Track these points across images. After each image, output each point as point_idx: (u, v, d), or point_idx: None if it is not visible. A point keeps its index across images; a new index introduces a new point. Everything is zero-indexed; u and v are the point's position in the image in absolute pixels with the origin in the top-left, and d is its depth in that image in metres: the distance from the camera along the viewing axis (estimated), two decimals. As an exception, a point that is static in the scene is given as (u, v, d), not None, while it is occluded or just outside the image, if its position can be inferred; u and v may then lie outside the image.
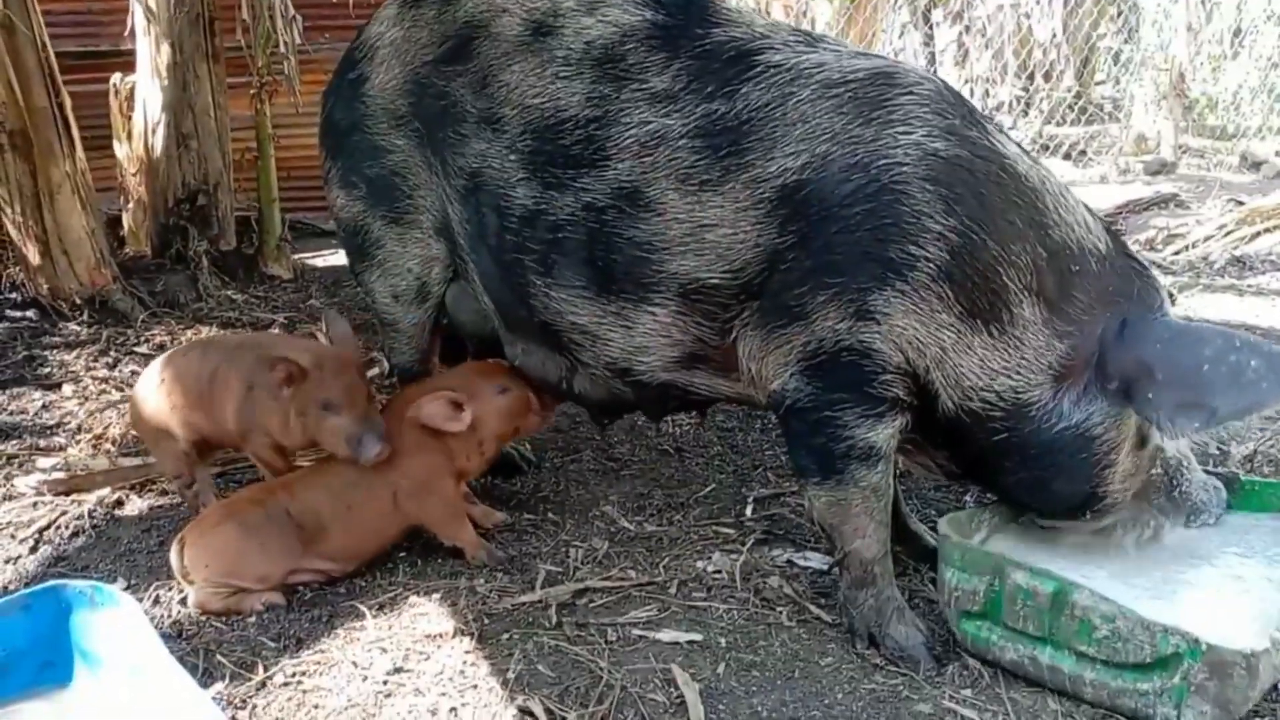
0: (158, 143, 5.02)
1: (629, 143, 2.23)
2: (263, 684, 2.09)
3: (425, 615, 2.34)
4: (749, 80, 2.17)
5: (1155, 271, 2.23)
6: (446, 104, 2.49)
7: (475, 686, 2.08)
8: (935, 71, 9.32)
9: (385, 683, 2.09)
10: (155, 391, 2.70)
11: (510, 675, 2.10)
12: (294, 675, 2.12)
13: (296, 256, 5.68)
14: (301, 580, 2.44)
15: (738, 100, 2.16)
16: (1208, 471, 2.38)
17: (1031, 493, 2.22)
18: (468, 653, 2.19)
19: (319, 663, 2.17)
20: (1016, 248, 2.04)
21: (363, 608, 2.35)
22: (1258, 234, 5.63)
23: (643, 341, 2.33)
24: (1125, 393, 2.04)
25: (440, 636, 2.25)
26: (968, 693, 2.07)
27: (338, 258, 5.61)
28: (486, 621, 2.32)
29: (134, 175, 5.15)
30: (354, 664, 2.15)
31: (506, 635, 2.26)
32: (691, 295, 2.23)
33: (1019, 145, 2.21)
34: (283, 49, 4.75)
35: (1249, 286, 4.96)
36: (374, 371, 4.11)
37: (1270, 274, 5.13)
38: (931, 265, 2.03)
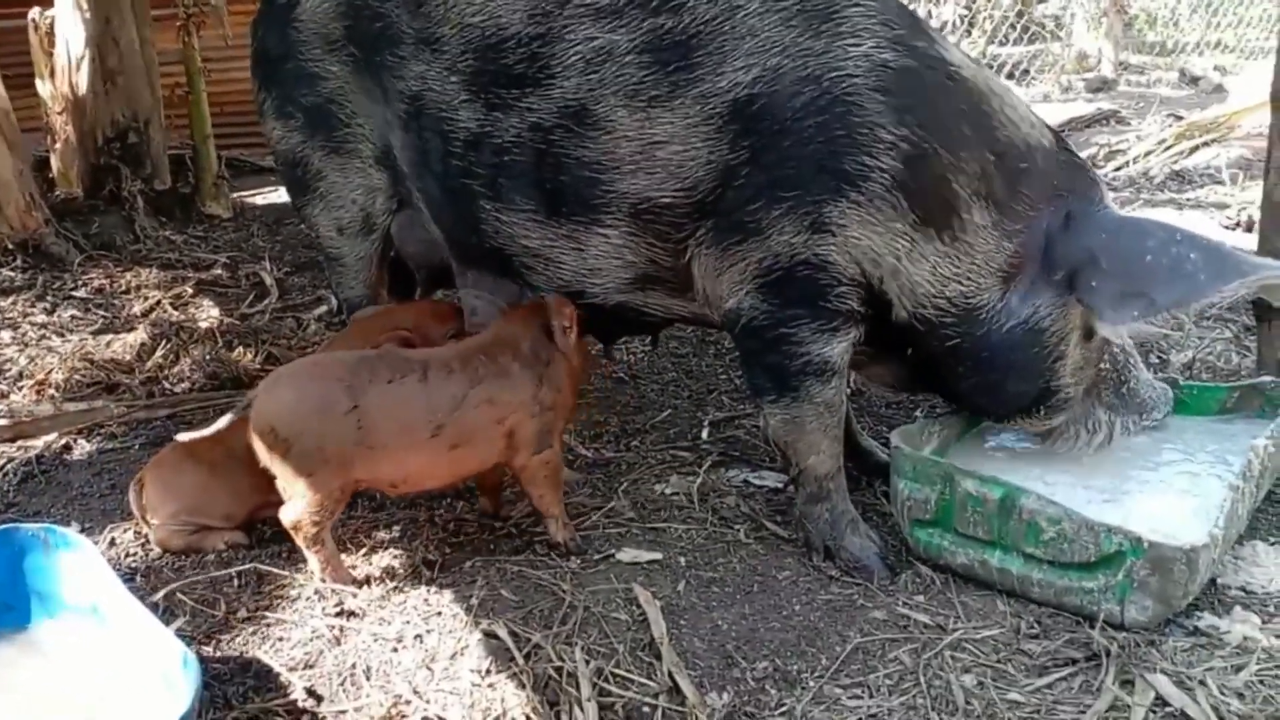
0: (82, 80, 4.84)
1: (574, 60, 2.19)
2: (225, 619, 2.09)
3: (387, 547, 2.35)
4: None
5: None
6: (382, 26, 2.42)
7: (439, 614, 2.10)
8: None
9: (349, 614, 2.09)
10: None
11: (474, 601, 2.12)
12: (256, 610, 2.12)
13: (236, 194, 5.56)
14: (267, 514, 2.42)
15: (684, 14, 2.13)
16: None
17: (987, 394, 2.26)
18: (430, 581, 2.21)
19: (281, 597, 2.17)
20: (966, 154, 2.06)
21: (323, 542, 2.35)
22: (1195, 148, 5.72)
23: (595, 264, 2.32)
24: (1070, 282, 2.08)
25: (403, 567, 2.26)
26: (920, 598, 2.14)
27: (279, 195, 5.50)
28: (448, 550, 2.34)
29: (60, 114, 4.96)
30: (317, 595, 2.15)
31: (469, 563, 2.27)
32: (643, 215, 2.22)
33: (963, 51, 2.22)
34: (208, -22, 4.58)
35: (1188, 200, 5.05)
36: (322, 309, 4.07)
37: (1208, 187, 5.23)
38: (885, 175, 2.04)
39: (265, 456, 2.13)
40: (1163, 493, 2.20)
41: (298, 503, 2.13)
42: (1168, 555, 1.90)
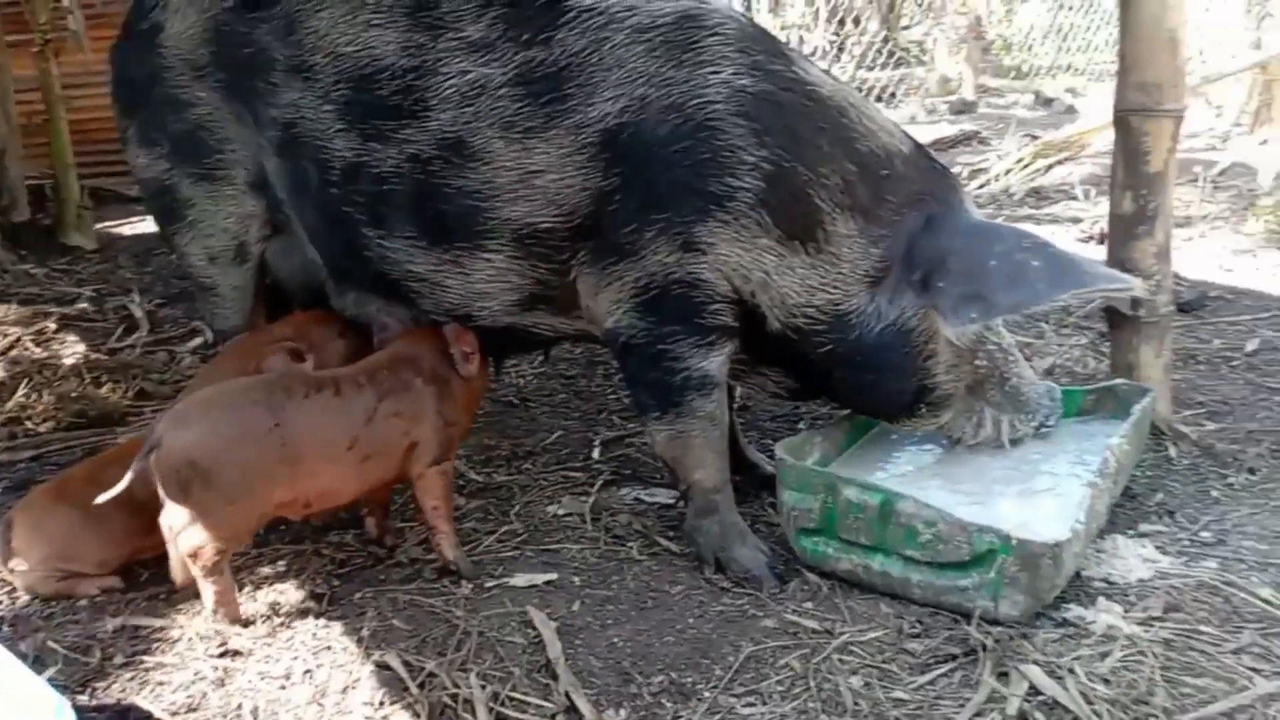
0: (-69, 107, 4.59)
1: (449, 93, 2.21)
2: (100, 667, 2.01)
3: (273, 582, 2.30)
4: (563, 26, 2.19)
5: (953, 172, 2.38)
6: (252, 52, 2.39)
7: (329, 648, 2.06)
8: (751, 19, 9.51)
9: (234, 654, 2.04)
10: None
11: (365, 633, 2.09)
12: (134, 655, 2.04)
13: (101, 225, 5.35)
14: (145, 557, 2.32)
15: (554, 47, 2.18)
16: None
17: (866, 396, 2.34)
18: (319, 616, 2.17)
19: (161, 640, 2.10)
20: (826, 169, 2.15)
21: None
22: (1051, 166, 6.05)
23: (482, 287, 2.33)
24: (925, 284, 2.18)
25: (290, 602, 2.21)
26: (809, 605, 2.19)
27: (147, 224, 5.30)
28: (337, 583, 2.30)
29: (-94, 144, 4.70)
30: (199, 637, 2.09)
31: (359, 594, 2.24)
32: (526, 240, 2.25)
33: (821, 69, 2.32)
34: (66, 2, 4.41)
35: (1045, 215, 5.33)
36: (196, 341, 3.95)
37: (1063, 202, 5.53)
38: (749, 194, 2.12)
39: (177, 494, 2.04)
40: (1028, 492, 2.31)
41: (203, 530, 2.05)
42: (1035, 551, 2.00)
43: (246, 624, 2.12)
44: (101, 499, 2.07)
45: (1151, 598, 2.13)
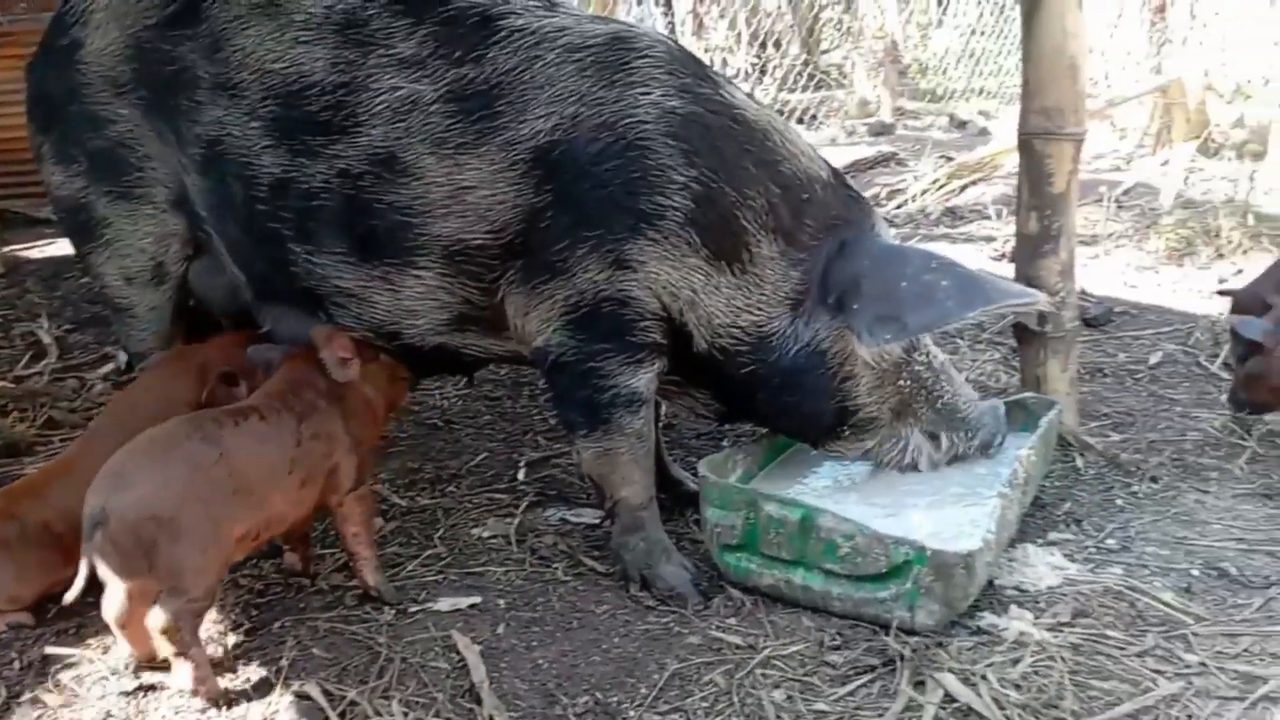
0: None
1: (380, 108, 2.22)
2: (6, 705, 1.94)
3: (188, 614, 2.24)
4: (495, 44, 2.22)
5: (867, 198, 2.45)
6: (175, 70, 2.37)
7: (248, 679, 2.03)
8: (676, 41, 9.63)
9: (148, 689, 1.99)
10: None
11: (284, 662, 2.06)
12: (41, 693, 1.98)
13: (7, 249, 5.18)
14: (57, 592, 2.23)
15: (486, 64, 2.20)
16: None
17: (788, 418, 2.39)
18: (237, 646, 2.13)
19: (72, 677, 2.04)
20: (752, 191, 2.20)
21: (116, 614, 2.21)
22: (965, 186, 6.22)
23: (411, 305, 2.33)
24: (840, 306, 2.24)
25: (207, 633, 2.15)
26: (732, 620, 2.22)
27: (57, 247, 5.15)
28: (255, 612, 2.26)
29: None
30: (111, 674, 2.03)
31: (278, 624, 2.21)
32: (456, 257, 2.26)
33: (746, 93, 2.38)
34: (-29, 20, 4.29)
35: (960, 234, 5.48)
36: (108, 367, 3.84)
37: (977, 221, 5.69)
38: (678, 214, 2.17)
39: (140, 562, 1.90)
40: (941, 504, 2.37)
41: (176, 596, 1.92)
42: (949, 561, 2.06)
43: (230, 704, 1.97)
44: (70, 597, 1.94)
45: (1060, 604, 2.20)
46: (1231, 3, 7.68)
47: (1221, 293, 3.49)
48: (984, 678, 1.97)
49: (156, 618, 1.92)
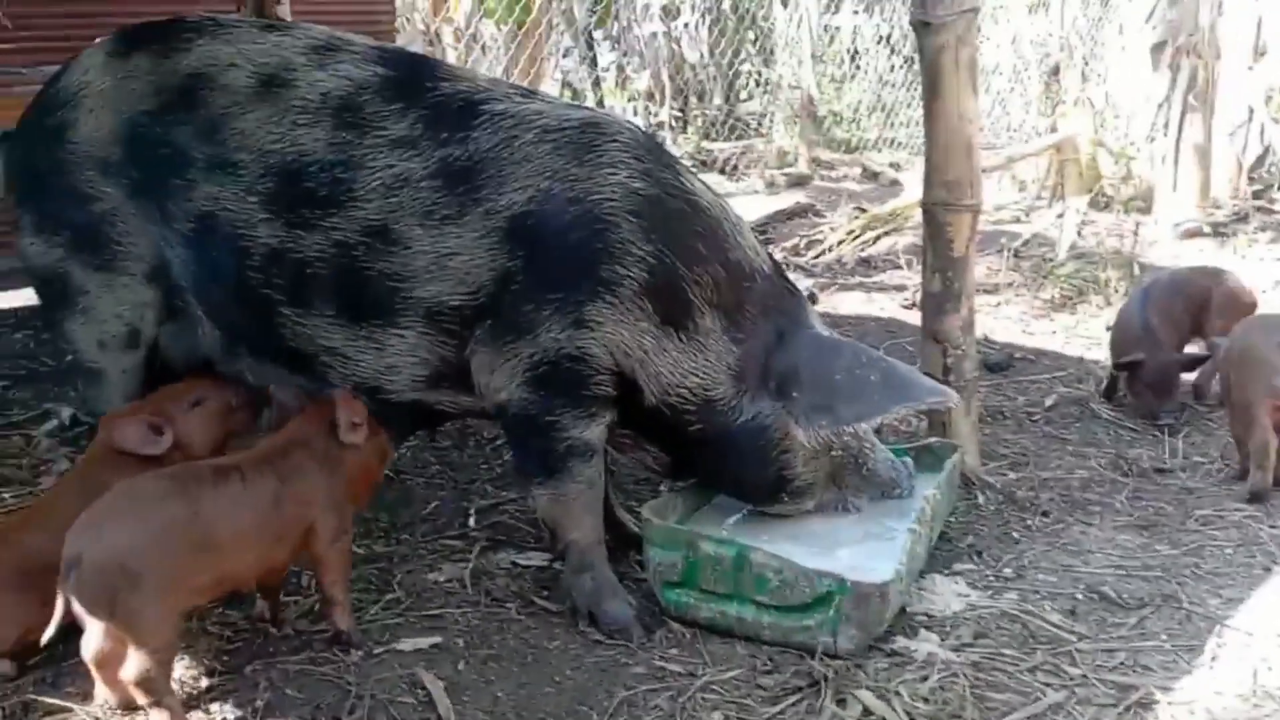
0: None
1: (376, 184, 2.44)
2: (-6, 752, 2.04)
3: (164, 660, 2.35)
4: (478, 126, 2.46)
5: (801, 286, 2.71)
6: (169, 152, 2.52)
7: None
8: (601, 93, 9.93)
9: (127, 735, 2.09)
10: None
11: (259, 704, 2.18)
12: (25, 741, 2.08)
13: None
14: (34, 639, 2.30)
15: (470, 144, 2.45)
16: None
17: (731, 480, 2.67)
18: (210, 690, 2.24)
19: (53, 723, 2.14)
20: (700, 268, 2.47)
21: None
22: (878, 237, 6.57)
23: (393, 361, 2.53)
24: (780, 391, 2.51)
25: (180, 679, 2.26)
26: (674, 651, 2.43)
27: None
28: (226, 657, 2.37)
29: None
30: (89, 718, 2.14)
31: (249, 667, 2.32)
32: (435, 316, 2.47)
33: (704, 182, 2.65)
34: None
35: (874, 283, 5.82)
36: (52, 424, 3.86)
37: (889, 271, 6.04)
38: (634, 282, 2.42)
39: (105, 608, 2.01)
40: (859, 539, 2.63)
41: (141, 647, 2.02)
42: (866, 591, 2.31)
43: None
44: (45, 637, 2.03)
45: (963, 627, 2.48)
46: (1118, 68, 8.27)
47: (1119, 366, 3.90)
48: (897, 694, 2.21)
49: (129, 669, 2.03)
